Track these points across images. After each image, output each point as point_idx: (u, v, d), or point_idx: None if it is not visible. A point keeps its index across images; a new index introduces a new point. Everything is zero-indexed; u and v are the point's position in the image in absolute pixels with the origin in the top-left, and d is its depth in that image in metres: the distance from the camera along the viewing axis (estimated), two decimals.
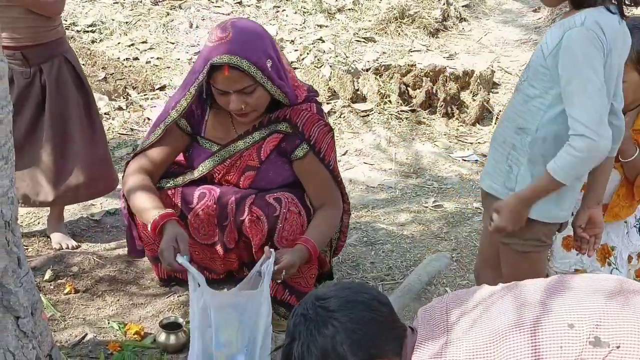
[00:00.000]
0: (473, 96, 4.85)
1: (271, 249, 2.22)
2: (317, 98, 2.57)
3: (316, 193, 2.52)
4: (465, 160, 4.18)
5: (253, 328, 2.06)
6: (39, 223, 3.24)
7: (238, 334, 2.07)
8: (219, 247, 2.54)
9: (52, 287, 2.70)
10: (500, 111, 4.79)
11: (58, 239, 3.03)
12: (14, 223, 1.48)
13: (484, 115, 4.73)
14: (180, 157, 2.62)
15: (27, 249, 2.95)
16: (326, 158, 2.48)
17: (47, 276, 2.72)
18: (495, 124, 4.67)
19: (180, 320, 2.43)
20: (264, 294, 2.08)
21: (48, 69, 2.81)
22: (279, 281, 2.26)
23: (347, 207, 2.66)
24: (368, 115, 4.58)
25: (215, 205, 2.46)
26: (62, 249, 2.98)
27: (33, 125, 2.85)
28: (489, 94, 4.93)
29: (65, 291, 2.67)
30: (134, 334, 2.43)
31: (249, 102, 2.31)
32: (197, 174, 2.51)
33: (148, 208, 2.35)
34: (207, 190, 2.49)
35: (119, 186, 3.19)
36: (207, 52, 2.29)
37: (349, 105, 4.62)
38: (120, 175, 3.74)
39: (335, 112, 4.53)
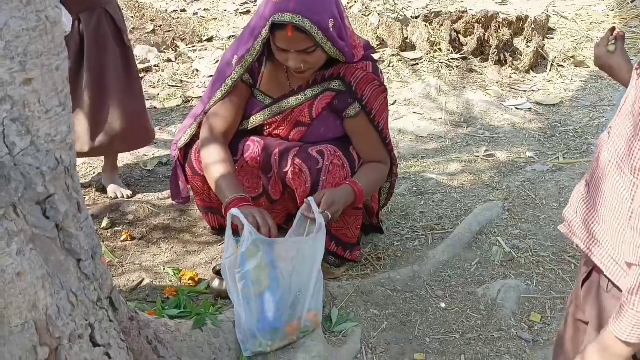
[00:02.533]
0: (527, 42, 4.70)
1: (308, 198, 2.22)
2: (375, 55, 2.52)
3: (364, 152, 2.51)
4: (518, 109, 4.09)
5: (308, 272, 2.08)
6: (94, 173, 3.32)
7: (265, 272, 2.07)
8: (263, 200, 2.57)
9: (109, 234, 2.78)
10: (555, 58, 4.65)
11: (113, 188, 3.10)
12: (72, 169, 1.52)
13: (539, 62, 4.60)
14: None
15: (84, 198, 3.03)
16: (377, 119, 2.46)
17: (104, 224, 2.80)
18: (550, 70, 4.54)
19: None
20: (319, 238, 2.09)
21: (86, 19, 2.82)
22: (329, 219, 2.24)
23: (395, 169, 2.64)
24: (417, 63, 4.50)
25: (259, 158, 2.48)
26: (118, 198, 3.06)
27: (72, 76, 2.88)
28: (543, 40, 4.78)
29: (122, 238, 2.75)
30: (188, 280, 2.50)
31: (308, 61, 2.29)
32: (248, 126, 2.52)
33: (224, 189, 2.31)
34: (251, 142, 2.50)
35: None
36: (270, 7, 2.24)
37: (398, 54, 4.54)
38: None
39: (384, 61, 4.46)
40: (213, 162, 2.38)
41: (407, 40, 4.66)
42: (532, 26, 4.78)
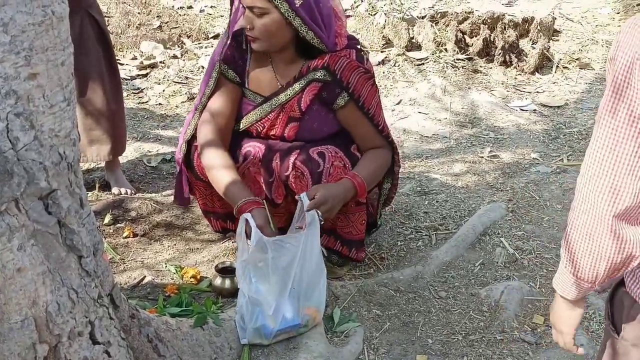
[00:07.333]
0: (532, 44, 4.69)
1: (301, 194, 2.20)
2: (359, 45, 2.50)
3: (360, 141, 2.48)
4: (523, 110, 4.07)
5: (301, 268, 2.07)
6: (97, 169, 3.32)
7: (267, 270, 2.07)
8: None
9: (111, 230, 2.77)
10: (560, 60, 4.63)
11: (116, 184, 3.10)
12: (76, 164, 1.51)
13: (544, 64, 4.58)
14: None
15: (87, 194, 3.02)
16: (366, 106, 2.42)
17: (106, 220, 2.79)
18: (555, 72, 4.52)
19: (235, 265, 2.46)
20: (310, 235, 2.08)
21: (69, 23, 2.80)
22: (321, 222, 2.20)
23: (397, 157, 2.61)
24: (423, 63, 4.49)
25: (260, 163, 2.46)
26: (121, 194, 3.05)
27: None
28: (549, 42, 4.76)
29: (124, 235, 2.75)
30: (190, 278, 2.49)
31: (255, 26, 2.27)
32: (242, 126, 2.49)
33: (234, 191, 2.29)
34: (252, 147, 2.48)
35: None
36: None
37: (403, 54, 4.53)
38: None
39: (389, 61, 4.45)
40: (216, 167, 2.36)
41: (413, 40, 4.65)
42: (538, 28, 4.76)
